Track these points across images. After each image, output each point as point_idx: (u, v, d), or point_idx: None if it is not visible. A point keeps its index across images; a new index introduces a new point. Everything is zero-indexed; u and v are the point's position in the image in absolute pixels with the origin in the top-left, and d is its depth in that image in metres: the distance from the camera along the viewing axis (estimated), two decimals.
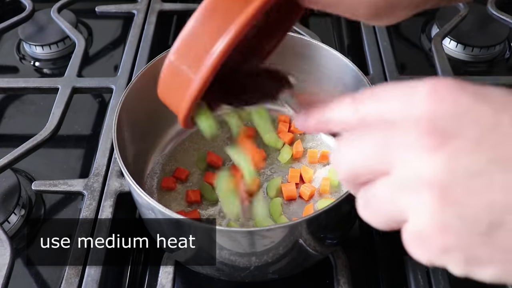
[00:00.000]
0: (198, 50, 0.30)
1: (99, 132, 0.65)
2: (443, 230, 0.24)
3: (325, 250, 0.49)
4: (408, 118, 0.25)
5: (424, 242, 0.25)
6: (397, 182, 0.25)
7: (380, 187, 0.26)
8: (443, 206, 0.23)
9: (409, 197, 0.24)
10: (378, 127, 0.27)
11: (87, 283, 0.47)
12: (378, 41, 0.71)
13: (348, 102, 0.29)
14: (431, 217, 0.24)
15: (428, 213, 0.24)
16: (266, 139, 0.60)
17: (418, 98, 0.25)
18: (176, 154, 0.60)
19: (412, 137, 0.24)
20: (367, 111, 0.28)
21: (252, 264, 0.45)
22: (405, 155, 0.25)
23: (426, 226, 0.24)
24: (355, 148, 0.27)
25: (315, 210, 0.53)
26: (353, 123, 0.28)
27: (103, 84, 0.66)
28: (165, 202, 0.55)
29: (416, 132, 0.24)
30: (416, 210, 0.24)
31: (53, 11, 0.77)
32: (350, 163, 0.27)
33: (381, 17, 0.35)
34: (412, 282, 0.47)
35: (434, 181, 0.23)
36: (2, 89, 0.67)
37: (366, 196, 0.27)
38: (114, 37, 0.83)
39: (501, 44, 0.76)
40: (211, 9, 0.29)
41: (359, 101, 0.28)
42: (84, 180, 0.55)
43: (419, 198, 0.24)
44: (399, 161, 0.25)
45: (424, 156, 0.24)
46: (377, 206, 0.27)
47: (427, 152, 0.24)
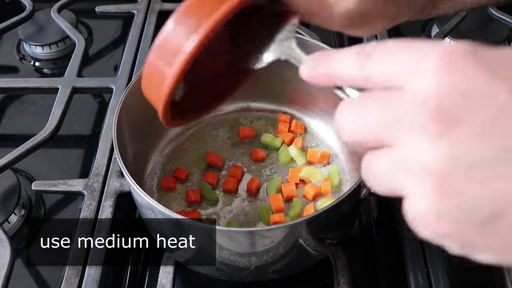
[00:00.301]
0: (173, 48, 0.32)
1: (99, 132, 0.65)
2: (439, 219, 0.23)
3: (325, 250, 0.49)
4: (416, 91, 0.24)
5: (420, 223, 0.24)
6: (399, 159, 0.24)
7: (382, 158, 0.25)
8: (441, 196, 0.23)
9: (409, 179, 0.24)
10: (384, 93, 0.25)
11: (87, 283, 0.47)
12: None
13: (355, 54, 0.27)
14: (427, 205, 0.23)
15: (425, 200, 0.23)
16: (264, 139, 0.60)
17: (428, 66, 0.23)
18: (176, 154, 0.60)
19: (418, 118, 0.23)
20: (373, 70, 0.26)
21: (252, 264, 0.45)
22: (409, 136, 0.24)
23: (422, 212, 0.24)
24: (360, 113, 0.26)
25: (315, 210, 0.53)
26: (358, 80, 0.27)
27: (103, 84, 0.66)
28: (165, 202, 0.55)
29: (422, 113, 0.23)
30: (413, 194, 0.24)
31: (53, 11, 0.78)
32: (353, 128, 0.27)
33: (356, 28, 0.36)
34: (412, 282, 0.47)
35: (435, 169, 0.23)
36: (2, 89, 0.67)
37: (369, 161, 0.27)
38: (114, 37, 0.83)
39: (501, 44, 0.76)
40: (186, 11, 0.32)
41: (366, 56, 0.27)
42: (84, 180, 0.55)
43: (418, 183, 0.23)
44: (403, 139, 0.24)
45: (428, 142, 0.23)
46: (378, 176, 0.26)
47: (431, 138, 0.23)
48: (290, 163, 0.59)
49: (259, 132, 0.62)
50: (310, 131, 0.62)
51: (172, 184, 0.56)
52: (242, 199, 0.56)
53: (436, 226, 0.24)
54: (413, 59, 0.24)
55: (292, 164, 0.59)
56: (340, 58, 0.28)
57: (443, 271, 0.47)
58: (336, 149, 0.60)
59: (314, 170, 0.57)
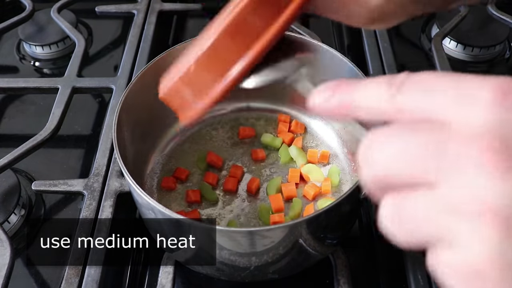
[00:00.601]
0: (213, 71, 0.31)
1: (99, 132, 0.65)
2: (504, 268, 0.19)
3: (325, 250, 0.49)
4: (466, 125, 0.20)
5: (477, 280, 0.20)
6: (447, 199, 0.21)
7: (422, 201, 0.21)
8: (507, 239, 0.19)
9: (461, 222, 0.20)
10: (424, 126, 0.22)
11: (87, 283, 0.47)
12: (378, 41, 0.71)
13: (383, 84, 0.23)
14: (490, 250, 0.20)
15: (490, 246, 0.20)
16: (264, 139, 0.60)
17: (480, 102, 0.20)
18: (176, 154, 0.60)
19: (473, 149, 0.20)
20: (407, 101, 0.22)
21: (252, 264, 0.45)
22: (462, 169, 0.20)
23: (481, 260, 0.20)
24: (396, 145, 0.22)
25: (315, 210, 0.53)
26: (388, 111, 0.23)
27: (103, 84, 0.66)
28: (165, 202, 0.55)
29: (478, 145, 0.20)
30: (468, 239, 0.20)
31: (53, 11, 0.77)
32: (384, 163, 0.22)
33: (374, 25, 0.36)
34: (412, 282, 0.47)
35: (499, 208, 0.19)
36: (2, 89, 0.67)
37: (397, 207, 0.22)
38: (114, 37, 0.83)
39: (501, 44, 0.76)
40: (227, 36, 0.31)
41: (398, 87, 0.23)
42: (84, 180, 0.55)
43: (476, 225, 0.20)
44: (454, 174, 0.20)
45: (488, 177, 0.20)
46: (412, 222, 0.22)
47: (492, 173, 0.19)
48: (290, 163, 0.59)
49: (259, 132, 0.62)
50: (310, 131, 0.62)
51: (172, 184, 0.56)
52: (242, 199, 0.56)
53: (499, 276, 0.20)
54: (460, 93, 0.21)
55: (292, 164, 0.59)
56: (365, 86, 0.25)
57: None
58: (336, 149, 0.60)
59: (314, 169, 0.57)
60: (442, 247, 0.21)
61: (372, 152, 0.23)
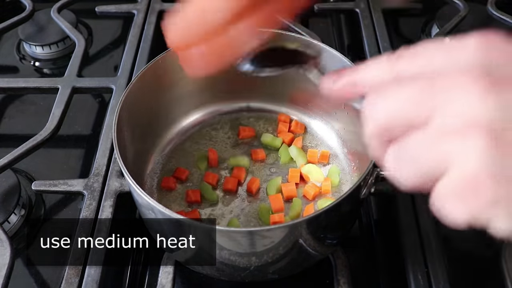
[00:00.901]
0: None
1: (99, 132, 0.65)
2: (497, 177, 0.21)
3: (325, 250, 0.49)
4: (456, 67, 0.23)
5: (471, 192, 0.22)
6: (441, 128, 0.22)
7: (420, 138, 0.23)
8: (498, 150, 0.21)
9: (455, 141, 0.22)
10: (418, 79, 0.24)
11: (87, 283, 0.47)
12: (378, 41, 0.71)
13: (383, 59, 0.27)
14: (484, 162, 0.21)
15: (481, 157, 0.21)
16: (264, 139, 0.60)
17: (467, 49, 0.23)
18: (176, 154, 0.60)
19: (461, 80, 0.22)
20: (405, 65, 0.25)
21: (252, 264, 0.45)
22: (451, 96, 0.22)
23: (477, 172, 0.21)
24: (392, 96, 0.25)
25: (315, 210, 0.53)
26: (390, 79, 0.26)
27: (103, 84, 0.66)
28: (165, 202, 0.55)
29: (466, 76, 0.22)
30: (464, 155, 0.21)
31: (53, 11, 0.78)
32: (385, 112, 0.25)
33: None
34: (412, 282, 0.47)
35: (487, 121, 0.21)
36: (2, 89, 0.67)
37: (399, 150, 0.25)
38: (114, 37, 0.83)
39: None
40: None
41: (396, 58, 0.26)
42: (84, 180, 0.55)
43: (469, 141, 0.21)
44: (446, 105, 0.22)
45: (475, 96, 0.21)
46: (414, 156, 0.24)
47: (479, 92, 0.21)
48: (290, 163, 0.59)
49: (259, 132, 0.62)
50: (310, 131, 0.62)
51: (172, 184, 0.56)
52: (242, 199, 0.56)
53: (493, 186, 0.21)
54: (450, 49, 0.24)
55: (292, 164, 0.59)
56: (367, 64, 0.28)
57: (443, 271, 0.47)
58: (336, 149, 0.60)
59: (314, 169, 0.57)
60: (443, 175, 0.22)
61: (374, 105, 0.25)
